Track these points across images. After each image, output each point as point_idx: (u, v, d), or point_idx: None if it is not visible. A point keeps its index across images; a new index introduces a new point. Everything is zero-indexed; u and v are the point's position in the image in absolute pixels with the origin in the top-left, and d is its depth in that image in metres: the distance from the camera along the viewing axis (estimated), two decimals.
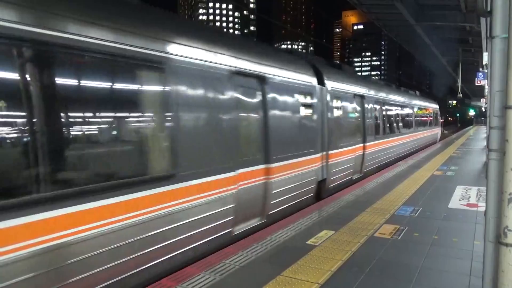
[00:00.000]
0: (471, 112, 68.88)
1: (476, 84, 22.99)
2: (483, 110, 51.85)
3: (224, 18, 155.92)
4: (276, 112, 6.48)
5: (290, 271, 3.98)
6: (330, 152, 8.56)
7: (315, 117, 7.95)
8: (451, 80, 55.94)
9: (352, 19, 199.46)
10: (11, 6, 3.00)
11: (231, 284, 3.72)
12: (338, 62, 11.57)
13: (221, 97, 5.18)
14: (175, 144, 4.35)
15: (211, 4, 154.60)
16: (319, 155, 8.02)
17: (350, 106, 10.13)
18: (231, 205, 5.23)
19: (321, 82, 8.40)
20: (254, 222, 5.98)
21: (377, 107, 12.63)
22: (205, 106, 4.91)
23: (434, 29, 25.40)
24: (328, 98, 8.67)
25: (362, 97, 11.04)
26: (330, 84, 8.82)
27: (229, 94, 5.33)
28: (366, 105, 11.33)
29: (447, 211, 6.42)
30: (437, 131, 26.35)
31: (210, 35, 5.48)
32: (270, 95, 6.35)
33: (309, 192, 7.65)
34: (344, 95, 9.69)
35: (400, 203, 7.00)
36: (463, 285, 3.65)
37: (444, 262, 4.21)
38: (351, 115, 10.24)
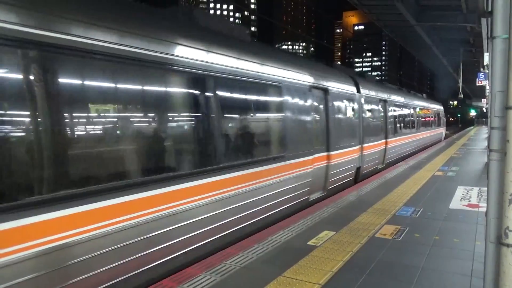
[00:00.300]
0: (472, 113, 68.78)
1: (477, 84, 22.96)
2: (484, 110, 51.81)
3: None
4: (334, 114, 8.75)
5: (291, 271, 3.98)
6: (364, 145, 10.77)
7: (355, 117, 10.27)
8: (452, 80, 55.92)
9: (353, 20, 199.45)
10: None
11: (231, 285, 3.72)
12: (362, 71, 14.57)
13: (306, 104, 7.48)
14: (285, 136, 6.69)
15: (212, 5, 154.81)
16: (358, 147, 10.28)
17: (377, 108, 12.40)
18: (309, 180, 7.43)
19: (358, 91, 10.63)
20: (319, 194, 8.10)
21: (395, 109, 14.90)
22: (299, 110, 7.23)
23: (434, 30, 25.39)
24: (363, 102, 10.92)
25: (385, 101, 13.32)
26: (364, 92, 11.08)
27: (309, 102, 7.63)
28: (387, 108, 13.53)
29: (448, 212, 6.42)
30: (442, 130, 28.89)
31: (300, 63, 8.02)
32: (330, 102, 8.62)
33: (351, 176, 9.91)
34: (372, 100, 12.00)
35: (401, 203, 6.99)
36: (464, 286, 3.64)
37: (445, 263, 4.20)
38: (377, 116, 12.49)
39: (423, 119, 20.88)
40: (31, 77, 3.11)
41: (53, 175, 3.19)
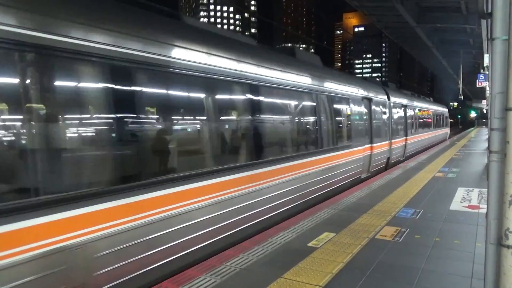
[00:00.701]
0: (473, 114, 68.71)
1: (477, 86, 22.97)
2: (485, 111, 51.81)
3: (225, 21, 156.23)
4: (374, 116, 11.94)
5: (291, 273, 3.97)
6: (392, 141, 13.85)
7: (386, 119, 13.39)
8: (452, 81, 55.90)
9: (353, 21, 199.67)
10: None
11: (232, 286, 3.71)
12: (384, 80, 18.72)
13: (360, 109, 10.79)
14: (351, 131, 9.87)
15: (212, 7, 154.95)
16: (388, 142, 13.38)
17: (400, 112, 15.58)
18: (362, 163, 10.58)
19: (388, 98, 13.79)
20: (365, 175, 11.08)
21: (412, 112, 18.06)
22: (358, 114, 10.58)
23: (435, 31, 25.41)
24: (391, 107, 14.06)
25: (405, 106, 16.45)
26: (392, 99, 14.25)
27: (362, 108, 10.96)
28: (406, 111, 16.58)
29: (448, 213, 6.41)
30: (447, 130, 33.57)
31: (356, 80, 11.79)
32: (373, 108, 11.82)
33: (383, 163, 12.97)
34: (397, 105, 15.12)
35: (401, 205, 6.98)
36: (464, 287, 3.64)
37: (445, 264, 4.20)
38: (401, 117, 15.59)
39: (434, 121, 24.71)
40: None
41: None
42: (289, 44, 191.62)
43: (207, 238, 4.76)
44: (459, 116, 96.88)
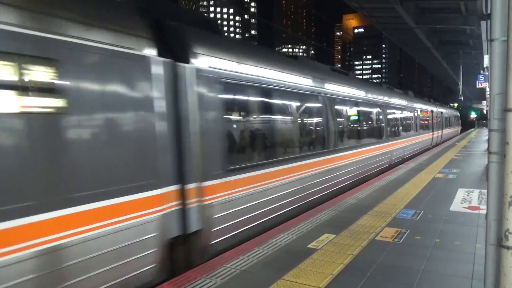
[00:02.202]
0: (473, 115, 68.63)
1: (477, 86, 22.98)
2: (485, 112, 51.76)
3: (225, 22, 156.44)
4: (414, 117, 17.81)
5: (291, 275, 3.97)
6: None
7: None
8: (452, 82, 55.91)
9: (352, 23, 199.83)
10: None
11: None
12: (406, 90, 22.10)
13: (404, 115, 16.05)
14: (387, 128, 13.39)
15: (212, 9, 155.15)
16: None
17: (428, 115, 21.47)
18: (389, 155, 13.58)
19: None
20: (398, 160, 14.92)
21: (438, 115, 24.77)
22: (400, 117, 15.60)
23: (434, 32, 25.42)
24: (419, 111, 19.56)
25: (432, 111, 22.62)
26: (417, 106, 19.47)
27: (407, 113, 16.59)
28: (433, 115, 22.84)
29: (448, 214, 6.40)
30: (459, 128, 44.64)
31: (397, 94, 16.21)
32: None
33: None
34: (423, 110, 20.61)
35: (401, 206, 6.98)
36: None
37: (445, 266, 4.19)
38: (428, 119, 21.86)
39: (451, 121, 34.45)
40: None
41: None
42: (289, 46, 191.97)
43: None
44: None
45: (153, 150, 4.01)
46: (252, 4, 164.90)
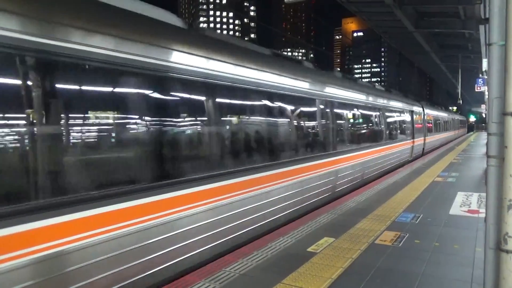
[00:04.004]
0: (472, 118, 68.76)
1: (476, 90, 23.03)
2: (484, 116, 51.85)
3: (224, 26, 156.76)
4: (415, 121, 18.02)
5: (290, 278, 3.96)
6: (426, 138, 20.60)
7: (422, 123, 19.97)
8: (451, 86, 56.02)
9: (352, 26, 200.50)
10: None
11: None
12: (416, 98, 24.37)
13: (408, 117, 17.06)
14: (413, 129, 17.60)
15: (211, 12, 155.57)
16: (422, 138, 19.93)
17: (429, 119, 22.31)
18: (410, 150, 17.04)
19: (423, 110, 20.45)
20: (407, 159, 16.58)
21: (438, 119, 26.11)
22: (415, 120, 18.36)
23: (433, 36, 25.50)
24: (426, 115, 20.88)
25: (411, 111, 23.22)
26: (426, 111, 21.13)
27: (409, 117, 17.08)
28: (436, 120, 24.91)
29: (448, 218, 6.40)
30: (465, 129, 50.20)
31: (407, 99, 18.22)
32: (414, 116, 17.65)
33: (420, 152, 19.41)
34: (429, 115, 22.47)
35: (401, 209, 6.98)
36: None
37: (445, 269, 4.19)
38: (428, 123, 22.13)
39: (456, 124, 38.80)
40: None
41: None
42: (288, 49, 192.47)
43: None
44: None
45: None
46: (252, 8, 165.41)
